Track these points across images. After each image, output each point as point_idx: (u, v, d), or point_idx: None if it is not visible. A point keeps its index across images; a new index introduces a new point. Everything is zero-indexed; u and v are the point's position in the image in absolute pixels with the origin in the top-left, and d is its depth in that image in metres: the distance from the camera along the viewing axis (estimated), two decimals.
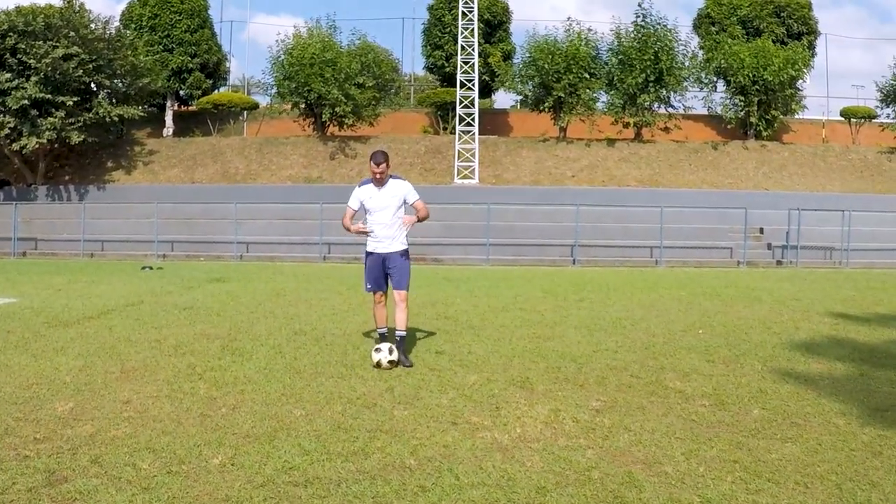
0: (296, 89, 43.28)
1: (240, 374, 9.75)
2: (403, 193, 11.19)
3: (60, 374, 9.76)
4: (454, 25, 47.03)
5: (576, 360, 10.89)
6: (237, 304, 17.46)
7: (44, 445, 6.86)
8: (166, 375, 9.75)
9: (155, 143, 46.92)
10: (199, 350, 11.52)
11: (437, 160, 42.08)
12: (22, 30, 40.15)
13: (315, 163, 42.09)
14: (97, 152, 45.25)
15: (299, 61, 42.82)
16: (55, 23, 40.69)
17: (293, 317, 15.22)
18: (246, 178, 41.80)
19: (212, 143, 46.31)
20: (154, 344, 12.04)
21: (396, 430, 7.40)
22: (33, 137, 40.01)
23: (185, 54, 49.76)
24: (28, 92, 39.43)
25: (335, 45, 43.92)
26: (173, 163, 44.06)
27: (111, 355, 11.07)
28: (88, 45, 41.11)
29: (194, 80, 50.00)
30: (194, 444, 6.91)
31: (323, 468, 6.37)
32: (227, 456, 6.61)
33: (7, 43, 40.18)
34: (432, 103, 49.18)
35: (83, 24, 41.87)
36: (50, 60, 39.34)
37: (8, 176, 45.25)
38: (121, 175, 43.80)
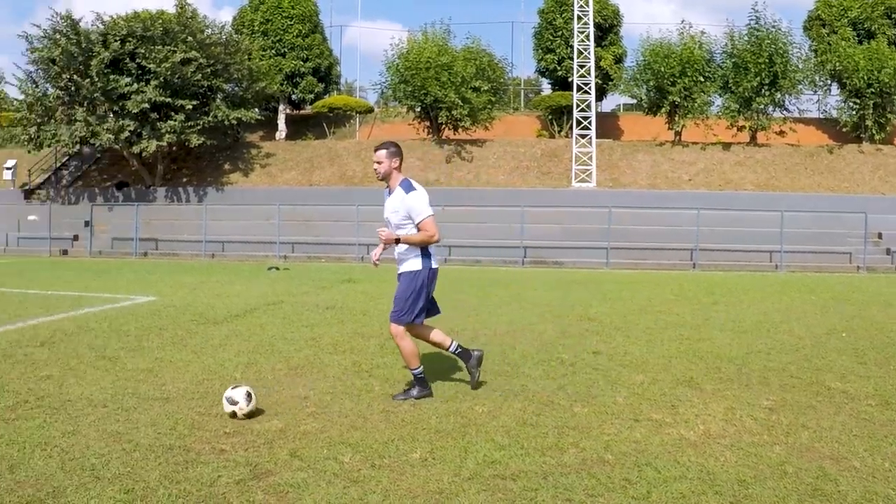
0: (411, 93, 43.43)
1: (406, 372, 9.72)
2: (406, 209, 8.63)
3: (228, 370, 9.94)
4: (566, 29, 46.95)
5: (732, 360, 10.79)
6: (377, 304, 17.55)
7: (236, 439, 6.98)
8: (335, 372, 9.88)
9: (271, 146, 47.43)
10: (358, 348, 11.65)
11: (554, 164, 41.98)
12: (141, 35, 40.95)
13: (431, 166, 42.21)
14: (214, 155, 45.94)
15: (415, 65, 42.94)
16: (173, 28, 41.48)
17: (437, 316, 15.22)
18: (363, 181, 42.02)
19: (328, 146, 46.76)
20: (311, 342, 12.19)
21: (582, 427, 7.39)
22: (153, 140, 40.74)
23: (298, 58, 50.29)
24: (148, 96, 40.20)
25: (450, 50, 43.98)
26: (290, 165, 44.48)
27: (272, 352, 11.25)
28: (206, 49, 41.81)
29: (307, 83, 50.48)
30: (388, 440, 6.96)
31: (524, 462, 6.38)
32: (426, 450, 6.65)
33: (126, 48, 40.95)
34: (547, 107, 49.10)
35: (199, 30, 42.57)
36: (169, 65, 40.07)
37: (127, 178, 46.09)
38: (238, 177, 44.37)
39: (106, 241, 40.63)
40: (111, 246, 40.30)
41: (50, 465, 6.24)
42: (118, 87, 40.67)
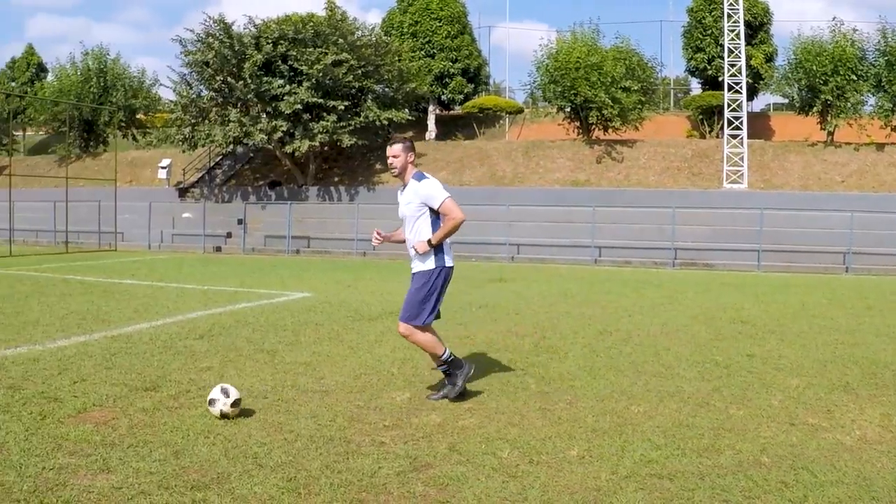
0: (561, 93, 43.30)
1: (562, 371, 9.86)
2: (421, 197, 8.54)
3: (385, 366, 10.15)
4: (715, 27, 46.43)
5: (888, 366, 10.54)
6: (529, 303, 17.66)
7: (395, 433, 7.13)
8: (490, 370, 9.99)
9: (421, 147, 47.67)
10: (512, 346, 11.72)
11: (705, 164, 41.44)
12: (292, 38, 41.72)
13: (582, 166, 42.01)
14: (365, 154, 46.45)
15: (564, 65, 42.80)
16: (323, 31, 42.14)
17: (590, 317, 15.29)
18: (513, 181, 42.05)
19: (478, 147, 46.87)
20: (465, 340, 12.32)
21: (738, 429, 7.36)
22: (306, 140, 41.40)
23: (447, 59, 50.61)
24: (300, 97, 40.89)
25: (599, 49, 43.74)
26: (440, 166, 44.69)
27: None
28: (356, 51, 42.34)
29: (456, 84, 50.78)
30: (546, 437, 7.03)
31: (680, 462, 6.39)
32: (583, 448, 6.70)
33: (278, 50, 41.77)
34: (697, 107, 48.67)
35: (350, 32, 43.13)
36: (321, 66, 40.70)
37: (279, 177, 46.95)
38: (389, 177, 44.65)
39: (259, 238, 41.50)
40: (264, 243, 41.20)
41: (214, 452, 6.50)
42: (271, 88, 41.50)
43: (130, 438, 6.82)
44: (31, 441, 6.69)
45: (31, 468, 6.00)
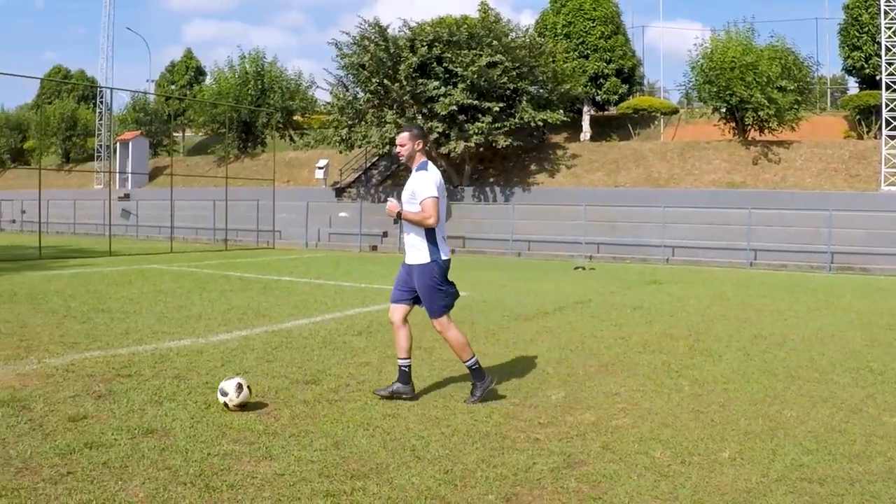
0: (716, 93, 42.75)
1: (716, 373, 9.88)
2: (412, 188, 8.46)
3: (541, 365, 10.27)
4: (872, 25, 45.29)
5: None
6: (684, 306, 17.62)
7: (550, 430, 7.27)
8: (644, 371, 10.04)
9: (576, 147, 47.65)
10: (666, 348, 11.76)
11: (862, 166, 40.35)
12: (447, 40, 41.95)
13: (738, 167, 41.36)
14: (520, 156, 46.54)
15: (719, 65, 42.26)
16: (478, 32, 42.26)
17: (745, 320, 15.19)
18: (668, 182, 41.69)
19: (633, 148, 46.53)
20: (620, 341, 12.37)
21: (891, 436, 7.27)
22: (461, 142, 41.60)
23: (601, 60, 50.47)
24: (455, 98, 41.09)
25: (754, 49, 43.03)
26: (595, 167, 44.59)
27: (582, 350, 11.50)
28: (510, 52, 42.32)
29: (610, 85, 50.63)
30: (698, 438, 7.07)
31: (830, 467, 6.36)
32: (734, 450, 6.73)
33: (434, 53, 42.08)
34: (854, 106, 47.68)
35: (503, 33, 43.27)
36: (476, 68, 40.81)
37: None
38: (544, 178, 44.79)
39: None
40: None
41: (373, 443, 6.74)
42: (426, 90, 41.83)
43: (292, 428, 7.13)
44: (196, 428, 7.06)
45: (197, 453, 6.35)
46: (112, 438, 6.65)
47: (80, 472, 5.82)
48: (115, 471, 5.88)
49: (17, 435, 6.73)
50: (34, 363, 9.74)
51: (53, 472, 5.82)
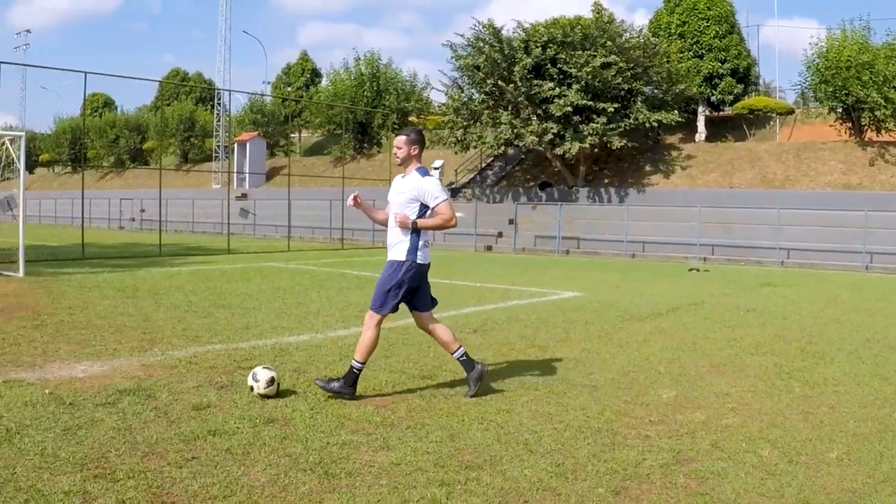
0: (832, 93, 42.10)
1: (827, 376, 9.90)
2: (421, 192, 8.47)
3: (653, 365, 10.38)
4: None
5: None
6: (798, 309, 17.51)
7: (660, 428, 7.40)
8: (756, 372, 10.08)
9: (691, 148, 47.34)
10: (778, 351, 11.75)
11: None
12: (561, 41, 42.04)
13: (854, 169, 40.61)
14: (635, 157, 46.43)
15: (835, 64, 41.63)
16: (592, 33, 42.28)
17: (858, 324, 15.09)
18: (784, 184, 41.10)
19: (748, 148, 45.98)
20: (732, 342, 12.41)
21: None
22: (576, 142, 41.66)
23: (716, 60, 50.06)
24: (570, 99, 41.18)
25: (871, 47, 42.24)
26: (710, 168, 44.25)
27: (694, 350, 11.59)
28: (625, 53, 42.30)
29: (725, 85, 50.21)
30: (806, 439, 7.13)
31: None
32: (842, 451, 6.78)
33: (548, 54, 42.20)
34: None
35: (617, 34, 43.26)
36: (590, 69, 40.86)
37: (549, 178, 47.45)
38: (659, 179, 44.59)
39: (529, 238, 42.02)
40: (534, 243, 41.73)
41: (487, 436, 6.94)
42: (541, 91, 41.97)
43: (408, 421, 7.39)
44: (315, 419, 7.35)
45: (317, 442, 6.63)
46: (234, 426, 6.98)
47: (204, 458, 6.14)
48: (237, 457, 6.19)
49: (143, 422, 7.09)
50: (158, 355, 10.19)
51: (178, 456, 6.14)
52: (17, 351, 10.26)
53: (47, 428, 6.79)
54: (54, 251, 31.05)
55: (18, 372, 8.99)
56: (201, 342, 11.22)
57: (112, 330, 12.18)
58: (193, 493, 5.41)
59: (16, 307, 14.59)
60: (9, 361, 9.58)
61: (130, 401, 7.79)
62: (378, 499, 5.43)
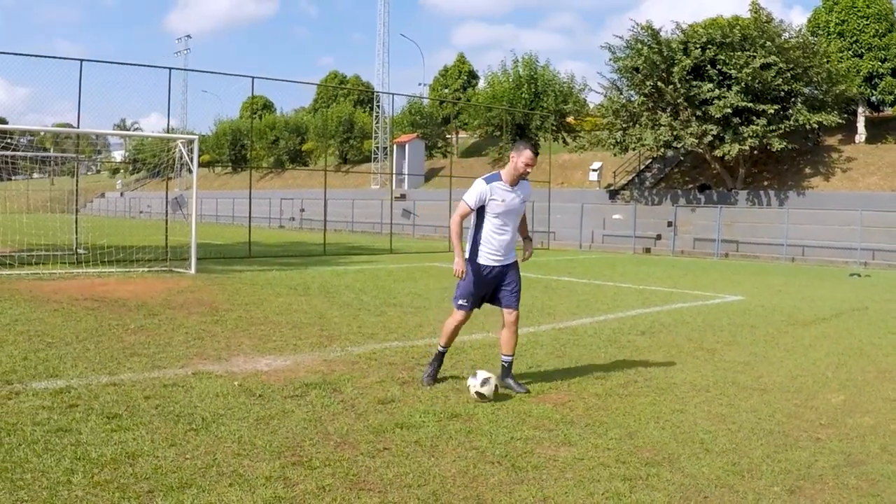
0: None
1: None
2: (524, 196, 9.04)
3: (820, 369, 10.52)
4: None
5: None
6: None
7: (830, 431, 7.59)
8: None
9: (851, 150, 46.57)
10: None
11: None
12: (720, 42, 41.87)
13: None
14: (794, 158, 45.91)
15: None
16: (751, 33, 41.99)
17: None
18: None
19: None
20: None
21: None
22: (735, 144, 41.44)
23: (876, 59, 49.15)
24: (729, 101, 40.97)
25: None
26: (871, 170, 43.51)
27: (860, 355, 11.68)
28: (784, 53, 41.82)
29: (886, 84, 49.29)
30: None
31: None
32: None
33: (707, 55, 42.06)
34: None
35: (776, 34, 42.83)
36: (750, 70, 40.59)
37: (708, 180, 47.21)
38: (818, 181, 44.02)
39: (688, 240, 41.93)
40: (693, 246, 41.62)
41: (664, 435, 7.26)
42: (700, 92, 41.86)
43: (586, 419, 7.74)
44: (497, 414, 7.77)
45: (501, 437, 7.03)
46: (420, 420, 7.44)
47: (395, 449, 6.60)
48: (426, 448, 6.63)
49: (332, 414, 7.61)
50: (338, 351, 10.78)
51: (370, 447, 6.61)
52: (201, 345, 10.95)
53: (241, 418, 7.34)
54: (220, 249, 32.02)
55: (206, 364, 9.65)
56: (378, 339, 11.78)
57: (290, 326, 12.84)
58: (388, 481, 5.84)
59: (193, 303, 15.43)
60: (195, 354, 10.25)
61: (317, 394, 8.34)
62: (565, 491, 5.78)
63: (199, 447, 6.43)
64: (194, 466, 5.96)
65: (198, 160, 23.09)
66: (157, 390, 8.21)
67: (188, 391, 8.23)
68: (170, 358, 9.93)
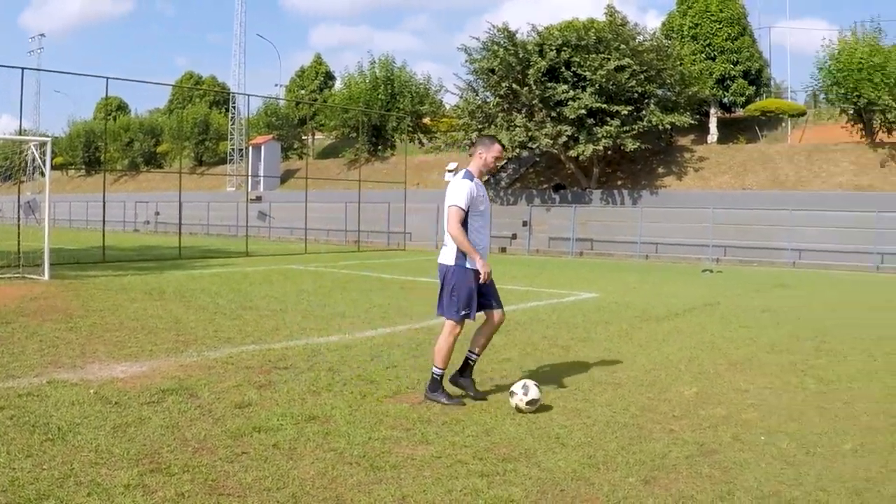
0: (844, 95, 42.18)
1: (840, 373, 10.29)
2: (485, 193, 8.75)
3: (673, 363, 10.77)
4: None
5: None
6: (811, 309, 17.95)
7: (684, 422, 7.78)
8: (772, 370, 10.45)
9: (703, 150, 47.44)
10: (793, 349, 12.12)
11: None
12: (575, 44, 42.21)
13: (865, 170, 40.51)
14: (648, 158, 46.53)
15: (847, 66, 41.70)
16: (606, 36, 42.41)
17: (871, 323, 15.51)
18: (796, 185, 41.09)
19: (760, 150, 46.04)
20: (748, 342, 12.80)
21: None
22: (589, 145, 41.81)
23: (728, 62, 50.15)
24: (584, 102, 41.36)
25: (882, 49, 42.21)
26: (723, 169, 44.34)
27: (712, 349, 11.97)
28: (638, 56, 42.38)
29: (737, 87, 50.34)
30: (822, 431, 7.52)
31: None
32: (856, 443, 7.16)
33: (562, 57, 42.38)
34: None
35: (631, 37, 43.41)
36: (604, 72, 41.04)
37: (563, 180, 47.66)
38: (672, 181, 44.72)
39: (543, 239, 42.40)
40: (548, 245, 42.17)
41: (520, 431, 7.34)
42: (555, 94, 42.20)
43: (444, 417, 7.76)
44: (354, 415, 7.71)
45: (359, 437, 6.99)
46: (278, 423, 7.34)
47: (253, 453, 6.50)
48: (284, 452, 6.56)
49: (189, 419, 7.46)
50: (194, 356, 10.57)
51: (228, 451, 6.52)
52: (55, 352, 10.62)
53: (97, 426, 7.14)
54: (74, 254, 31.28)
55: (60, 373, 9.35)
56: (234, 343, 11.60)
57: (146, 332, 12.55)
58: (247, 486, 5.76)
59: (47, 310, 14.98)
60: (49, 363, 9.94)
61: (174, 399, 8.16)
62: (424, 489, 5.78)
63: (56, 457, 6.26)
64: (52, 477, 5.80)
65: (51, 163, 22.54)
66: (11, 400, 7.95)
67: (43, 400, 8.00)
68: (24, 367, 9.62)
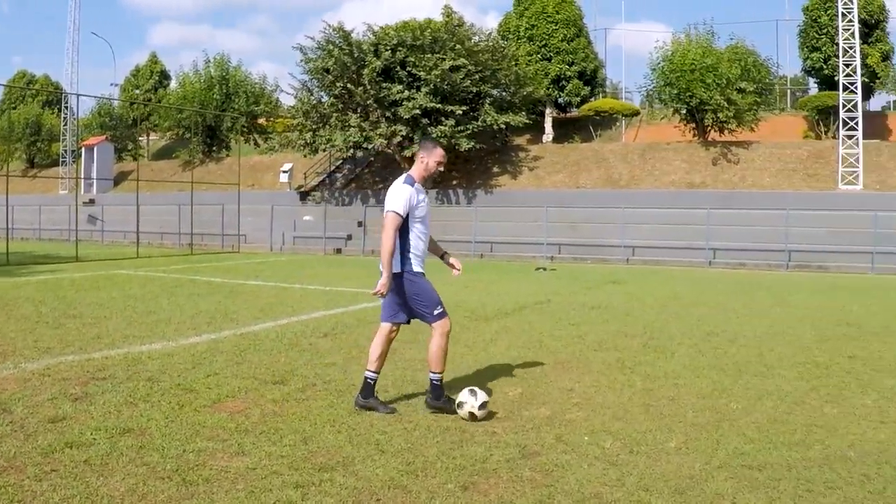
0: (676, 95, 43.13)
1: (667, 369, 10.32)
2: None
3: (501, 363, 10.67)
4: (831, 26, 45.93)
5: None
6: (642, 305, 18.08)
7: (507, 424, 7.69)
8: (599, 368, 10.44)
9: (539, 150, 47.93)
10: (621, 346, 12.16)
11: (820, 165, 40.67)
12: (411, 44, 42.31)
13: (697, 168, 41.61)
14: (483, 158, 46.74)
15: (679, 67, 42.68)
16: (441, 37, 42.63)
17: (699, 318, 15.67)
18: (629, 184, 41.96)
19: (594, 149, 46.78)
20: (577, 339, 12.79)
21: (830, 426, 7.72)
22: None
23: (563, 62, 50.76)
24: (419, 102, 41.44)
25: (714, 51, 43.44)
26: (557, 168, 44.84)
27: (540, 348, 11.91)
28: (473, 56, 42.71)
29: (573, 87, 50.94)
30: (647, 430, 7.49)
31: (770, 455, 6.80)
32: (681, 440, 7.16)
33: (397, 57, 42.42)
34: (813, 107, 48.25)
35: (467, 37, 43.64)
36: (439, 72, 41.22)
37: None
38: (507, 180, 45.03)
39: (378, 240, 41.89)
40: None
41: (339, 438, 7.13)
42: (390, 94, 42.17)
43: (262, 426, 7.48)
44: (171, 427, 7.39)
45: (173, 450, 6.70)
46: (91, 438, 6.98)
47: (63, 470, 6.15)
48: (96, 468, 6.22)
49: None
50: (10, 368, 10.02)
51: (37, 470, 6.15)
52: None
53: None
54: None
55: None
56: (53, 353, 11.06)
57: None
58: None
59: None
60: None
61: None
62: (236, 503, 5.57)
63: None
64: None
65: None
66: None
67: None
68: None
